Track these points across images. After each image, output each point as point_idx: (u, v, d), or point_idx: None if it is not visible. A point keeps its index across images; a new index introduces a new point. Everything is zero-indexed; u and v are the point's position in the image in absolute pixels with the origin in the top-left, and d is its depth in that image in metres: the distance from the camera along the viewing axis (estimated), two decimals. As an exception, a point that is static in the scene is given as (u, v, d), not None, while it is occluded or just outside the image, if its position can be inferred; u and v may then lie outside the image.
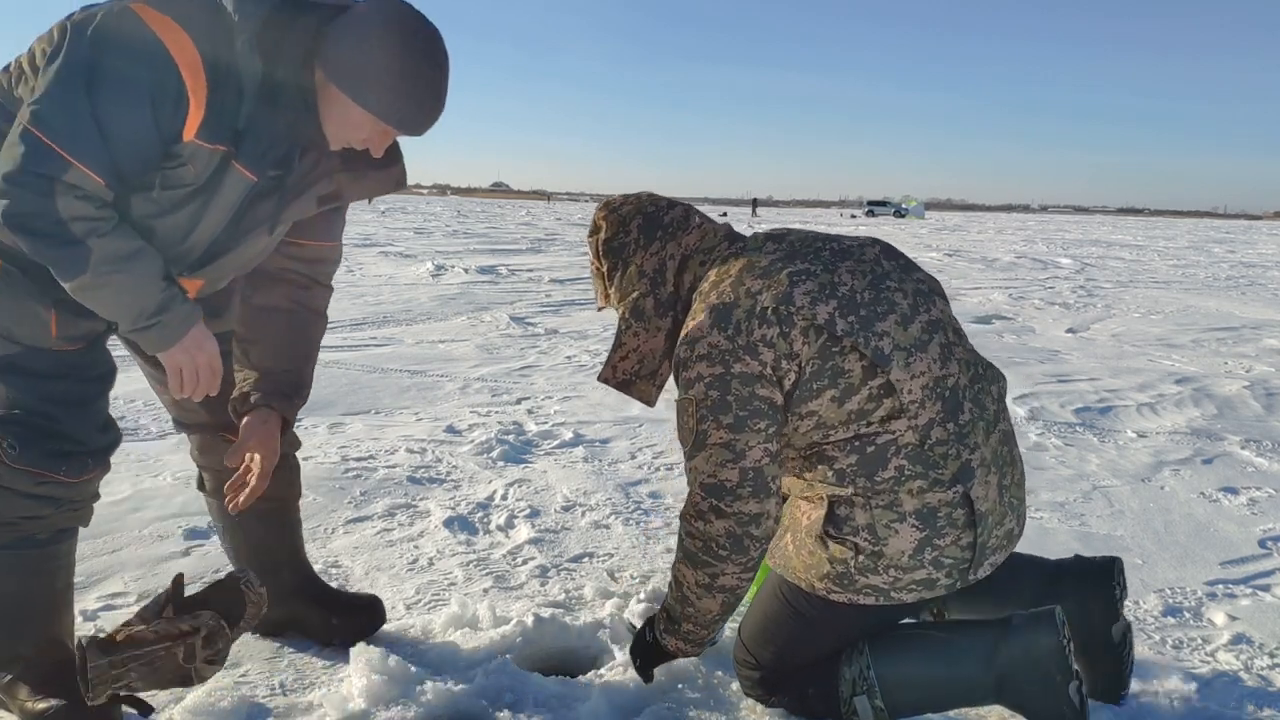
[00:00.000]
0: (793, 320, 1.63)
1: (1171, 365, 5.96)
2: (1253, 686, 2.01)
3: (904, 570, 1.64)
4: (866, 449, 1.63)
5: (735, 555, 1.66)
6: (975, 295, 10.03)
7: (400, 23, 1.55)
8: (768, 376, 1.62)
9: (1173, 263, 17.32)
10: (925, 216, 63.90)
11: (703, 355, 1.64)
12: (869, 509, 1.63)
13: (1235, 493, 3.36)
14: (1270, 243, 29.32)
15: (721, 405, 1.62)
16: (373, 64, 1.53)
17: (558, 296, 8.91)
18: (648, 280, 1.82)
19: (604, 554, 2.66)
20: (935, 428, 1.64)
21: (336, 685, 1.89)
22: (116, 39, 1.48)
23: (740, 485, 1.63)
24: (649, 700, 1.85)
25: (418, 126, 1.62)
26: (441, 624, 2.15)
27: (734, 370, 1.61)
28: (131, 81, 1.47)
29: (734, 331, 1.63)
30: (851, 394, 1.63)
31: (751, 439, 1.62)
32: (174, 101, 1.49)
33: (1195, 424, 4.38)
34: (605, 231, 1.88)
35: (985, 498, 1.66)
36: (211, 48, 1.50)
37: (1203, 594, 2.48)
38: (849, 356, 1.63)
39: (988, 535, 1.67)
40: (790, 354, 1.62)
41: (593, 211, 1.80)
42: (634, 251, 1.84)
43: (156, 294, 1.57)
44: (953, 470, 1.63)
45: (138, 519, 2.73)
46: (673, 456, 3.64)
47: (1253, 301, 10.41)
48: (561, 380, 5.02)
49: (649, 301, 1.81)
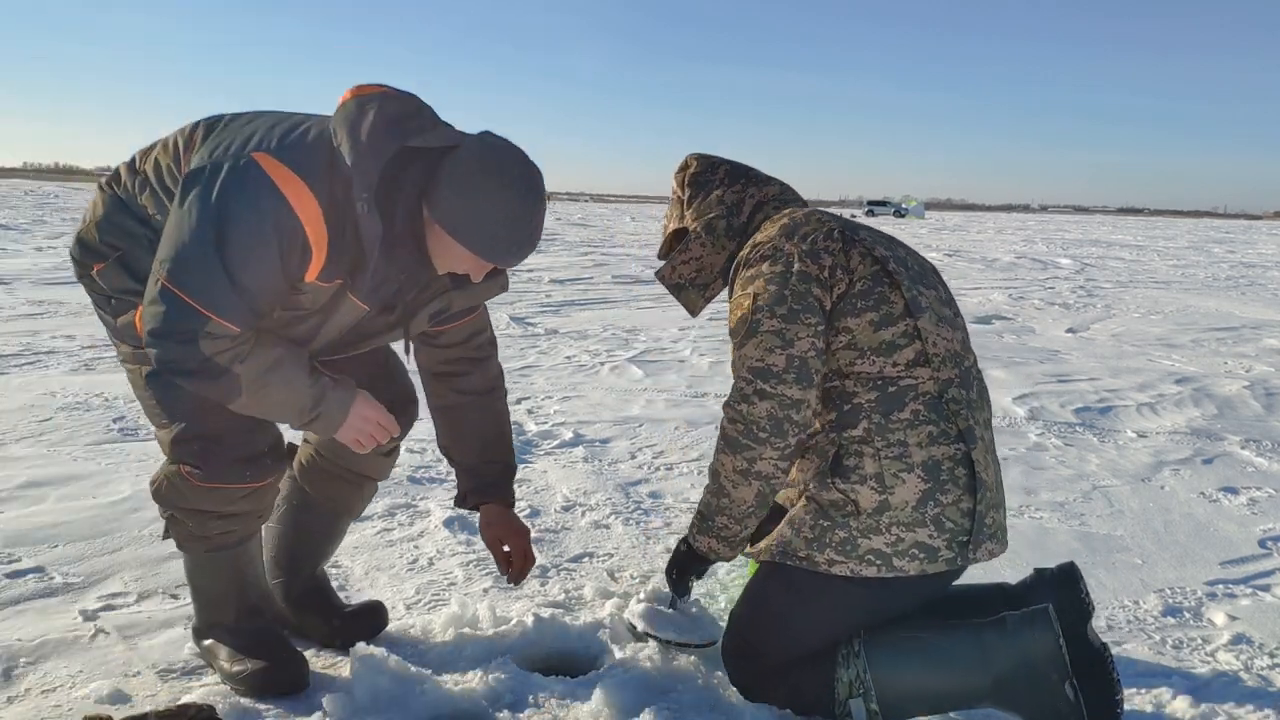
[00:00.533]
0: (855, 242, 1.81)
1: (1171, 365, 5.96)
2: (1253, 686, 2.01)
3: (905, 527, 1.68)
4: (888, 388, 1.71)
5: (774, 439, 1.71)
6: (975, 295, 10.03)
7: (501, 168, 1.62)
8: (823, 280, 1.76)
9: (1173, 263, 17.32)
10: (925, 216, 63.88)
11: (767, 255, 1.79)
12: (878, 457, 1.69)
13: (1235, 493, 3.36)
14: (1270, 243, 29.33)
15: (778, 298, 1.74)
16: (477, 210, 1.61)
17: (558, 297, 8.91)
18: (725, 206, 1.97)
19: (604, 554, 2.66)
20: (952, 387, 1.74)
21: (337, 685, 1.89)
22: (242, 194, 1.57)
23: (786, 370, 1.71)
24: (649, 700, 1.85)
25: (516, 261, 1.70)
26: (441, 624, 2.15)
27: (794, 268, 1.75)
28: (259, 235, 1.57)
29: (799, 239, 1.79)
30: (889, 324, 1.73)
31: (801, 330, 1.72)
32: (300, 252, 1.61)
33: (1195, 424, 4.38)
34: (695, 167, 2.03)
35: (985, 467, 1.73)
36: (331, 201, 1.60)
37: (1203, 594, 2.48)
38: (894, 291, 1.76)
39: (985, 509, 1.71)
40: (846, 267, 1.77)
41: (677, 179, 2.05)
42: (717, 186, 2.00)
43: (307, 392, 1.70)
44: (960, 428, 1.72)
45: (137, 519, 2.73)
46: (673, 456, 3.65)
47: (1253, 301, 10.41)
48: (561, 380, 5.02)
49: (722, 223, 1.95)
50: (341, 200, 1.60)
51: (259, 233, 1.56)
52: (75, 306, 7.09)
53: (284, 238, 1.58)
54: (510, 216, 1.62)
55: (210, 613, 1.90)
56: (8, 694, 1.84)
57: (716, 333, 6.91)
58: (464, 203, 1.60)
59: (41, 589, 2.29)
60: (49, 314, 6.72)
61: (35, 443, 3.52)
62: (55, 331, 5.98)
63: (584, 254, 15.09)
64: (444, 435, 2.08)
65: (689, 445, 3.81)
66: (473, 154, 1.62)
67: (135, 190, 1.77)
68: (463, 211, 1.61)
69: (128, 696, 1.84)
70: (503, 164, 1.62)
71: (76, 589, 2.30)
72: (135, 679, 1.91)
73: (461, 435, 2.05)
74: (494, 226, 1.61)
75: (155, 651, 2.01)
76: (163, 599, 2.27)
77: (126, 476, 3.11)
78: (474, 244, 1.62)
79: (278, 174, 1.57)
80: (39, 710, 1.79)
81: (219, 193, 1.57)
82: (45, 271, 9.45)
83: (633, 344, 6.25)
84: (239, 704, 1.80)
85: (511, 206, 1.61)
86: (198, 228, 1.56)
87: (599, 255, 14.92)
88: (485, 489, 2.05)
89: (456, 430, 2.05)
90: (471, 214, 1.60)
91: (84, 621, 2.13)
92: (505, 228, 1.62)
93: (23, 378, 4.62)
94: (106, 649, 2.02)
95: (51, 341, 5.62)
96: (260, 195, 1.56)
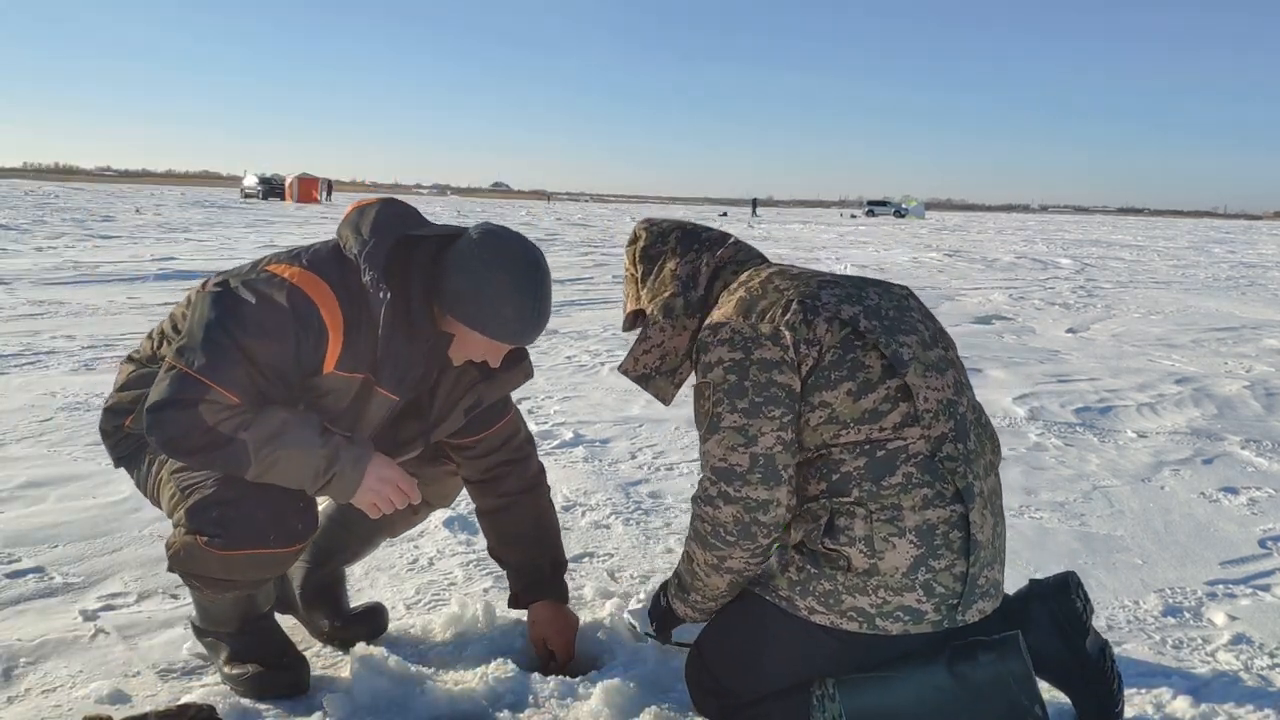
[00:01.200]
0: (818, 310, 1.66)
1: (1171, 365, 5.96)
2: (1253, 686, 2.01)
3: (894, 591, 1.60)
4: (876, 453, 1.62)
5: (743, 541, 1.65)
6: (975, 295, 10.03)
7: (500, 250, 1.68)
8: (788, 361, 1.63)
9: (1173, 263, 17.32)
10: (925, 216, 63.87)
11: (724, 340, 1.67)
12: (869, 520, 1.60)
13: (1235, 493, 3.36)
14: (1270, 243, 29.33)
15: (738, 390, 1.63)
16: (485, 297, 1.66)
17: (558, 297, 8.89)
18: (680, 282, 1.85)
19: (604, 554, 2.66)
20: (946, 443, 1.63)
21: (337, 686, 1.89)
22: (256, 286, 1.64)
23: (750, 470, 1.62)
24: (649, 700, 1.85)
25: (529, 338, 1.75)
26: (441, 624, 2.15)
27: (754, 356, 1.64)
28: (271, 312, 1.62)
29: (758, 319, 1.67)
30: (868, 391, 1.62)
31: (765, 425, 1.62)
32: (316, 335, 1.64)
33: (1195, 424, 4.38)
34: (644, 240, 1.93)
35: (982, 527, 1.64)
36: (345, 288, 1.66)
37: (1203, 594, 2.48)
38: (870, 353, 1.64)
39: (979, 569, 1.63)
40: (811, 339, 1.64)
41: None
42: (670, 258, 1.89)
43: (320, 453, 1.66)
44: (957, 487, 1.62)
45: (137, 519, 2.73)
46: (673, 456, 3.65)
47: (1253, 301, 10.41)
48: (561, 380, 5.02)
49: (679, 301, 1.84)
50: (355, 290, 1.66)
51: (271, 310, 1.62)
52: (75, 306, 7.10)
53: (298, 317, 1.62)
54: (517, 295, 1.67)
55: (212, 622, 1.89)
56: (8, 694, 1.84)
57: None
58: (470, 288, 1.66)
59: (41, 589, 2.29)
60: (49, 314, 6.72)
61: (35, 443, 3.52)
62: (55, 331, 5.98)
63: (584, 254, 15.10)
64: (491, 538, 2.11)
65: (689, 445, 3.81)
66: (472, 241, 1.70)
67: (155, 348, 1.84)
68: (470, 297, 1.67)
69: (128, 696, 1.84)
70: (501, 247, 1.69)
71: (76, 589, 2.30)
72: (135, 679, 1.91)
73: (508, 536, 2.08)
74: (502, 306, 1.67)
75: (155, 651, 2.02)
76: (163, 599, 2.27)
77: (126, 477, 3.10)
78: (485, 327, 1.68)
79: (290, 272, 1.66)
80: (39, 710, 1.79)
81: (234, 290, 1.65)
82: (45, 271, 9.46)
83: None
84: (239, 704, 1.80)
85: (517, 285, 1.67)
86: (209, 314, 1.63)
87: (599, 255, 14.92)
88: (536, 587, 2.06)
89: (503, 531, 2.08)
90: (479, 297, 1.66)
91: (84, 621, 2.13)
92: (513, 307, 1.68)
93: (23, 378, 4.62)
94: (106, 649, 2.02)
95: (51, 341, 5.62)
96: (273, 285, 1.64)
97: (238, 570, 1.70)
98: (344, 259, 1.70)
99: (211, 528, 1.65)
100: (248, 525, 1.66)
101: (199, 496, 1.67)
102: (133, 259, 11.29)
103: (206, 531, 1.66)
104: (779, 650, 1.69)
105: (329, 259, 1.71)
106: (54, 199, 32.84)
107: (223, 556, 1.66)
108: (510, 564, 2.09)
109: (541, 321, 1.74)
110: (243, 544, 1.66)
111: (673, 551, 2.68)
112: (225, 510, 1.65)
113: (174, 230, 18.00)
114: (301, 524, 1.71)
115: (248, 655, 1.85)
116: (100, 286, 8.45)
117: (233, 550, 1.66)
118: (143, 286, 8.62)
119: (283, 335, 1.62)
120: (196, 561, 1.69)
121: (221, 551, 1.66)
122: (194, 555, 1.69)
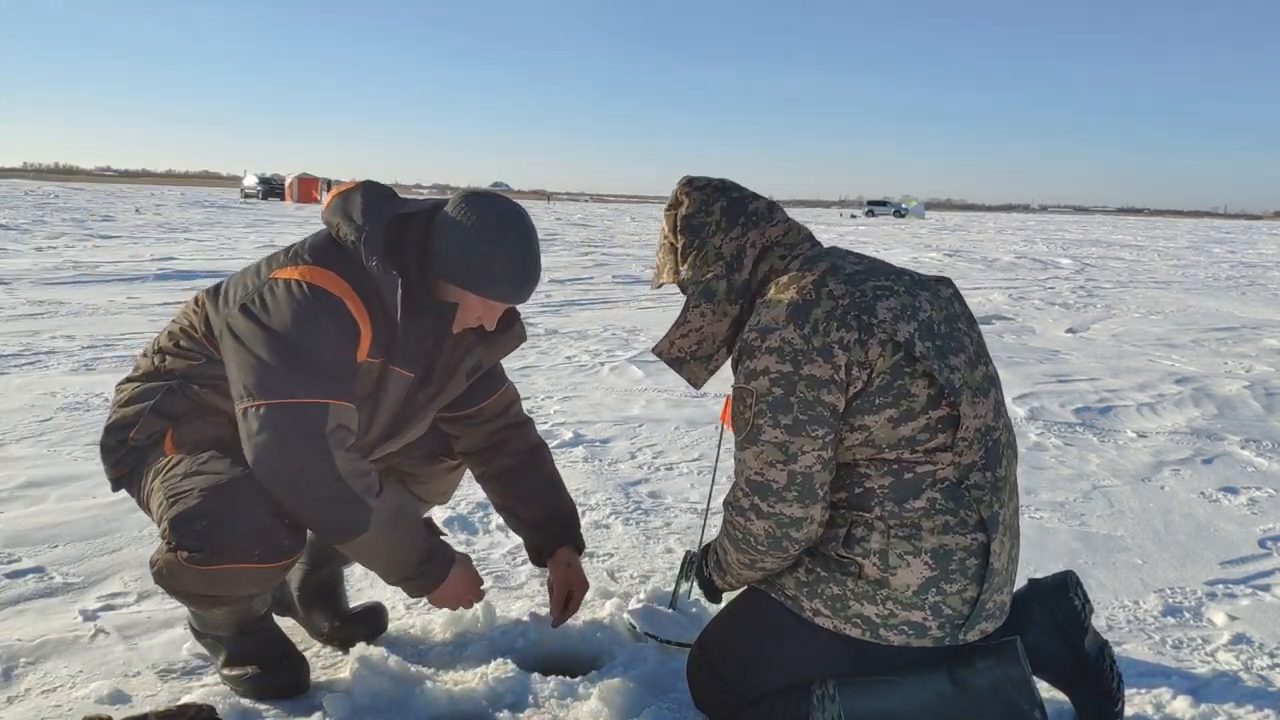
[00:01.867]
0: (873, 330, 1.58)
1: (1171, 365, 5.96)
2: (1253, 686, 2.01)
3: (901, 606, 1.59)
4: (904, 475, 1.59)
5: (774, 551, 1.64)
6: (975, 295, 10.03)
7: (485, 212, 1.71)
8: (837, 381, 1.57)
9: (1173, 263, 17.32)
10: (925, 216, 63.85)
11: (774, 349, 1.59)
12: (887, 535, 1.58)
13: (1235, 493, 3.36)
14: (1270, 243, 29.33)
15: (783, 404, 1.57)
16: (472, 254, 1.69)
17: (558, 297, 8.91)
18: (724, 264, 1.75)
19: (604, 554, 2.66)
20: (975, 471, 1.61)
21: (337, 686, 1.89)
22: (282, 302, 1.63)
23: (786, 488, 1.59)
24: (649, 700, 1.85)
25: (522, 295, 1.77)
26: (441, 624, 2.15)
27: (803, 371, 1.56)
28: (314, 321, 1.62)
29: (810, 331, 1.58)
30: (909, 419, 1.58)
31: (807, 444, 1.57)
32: (350, 327, 1.66)
33: (1195, 424, 4.38)
34: (687, 207, 1.80)
35: (999, 555, 1.62)
36: (353, 276, 1.67)
37: (1203, 594, 2.48)
38: (918, 381, 1.58)
39: (990, 595, 1.63)
40: (864, 363, 1.57)
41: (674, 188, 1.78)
42: (713, 232, 1.77)
43: (422, 545, 1.77)
44: (980, 516, 1.59)
45: (138, 519, 2.73)
46: (673, 456, 3.65)
47: (1253, 301, 10.41)
48: (561, 380, 5.02)
49: (722, 285, 1.75)
50: (360, 274, 1.68)
51: (313, 319, 1.62)
52: (75, 306, 7.10)
53: (332, 315, 1.64)
54: (505, 253, 1.70)
55: (208, 627, 1.87)
56: (8, 694, 1.84)
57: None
58: (459, 251, 1.70)
59: (41, 589, 2.29)
60: (49, 314, 6.72)
61: (35, 443, 3.52)
62: (55, 331, 5.98)
63: (584, 254, 15.09)
64: (505, 498, 2.12)
65: (689, 445, 3.81)
66: (457, 206, 1.72)
67: (156, 361, 1.82)
68: (460, 260, 1.70)
69: (128, 696, 1.84)
70: (485, 208, 1.71)
71: (76, 589, 2.30)
72: (135, 679, 1.91)
73: (521, 491, 2.11)
74: (492, 265, 1.69)
75: (155, 651, 2.02)
76: (163, 599, 2.27)
77: (126, 476, 3.11)
78: (478, 286, 1.71)
79: (302, 273, 1.66)
80: (39, 710, 1.79)
81: (261, 316, 1.64)
82: (45, 271, 9.46)
83: (633, 344, 6.25)
84: (239, 704, 1.80)
85: (505, 244, 1.70)
86: (259, 348, 1.61)
87: (599, 255, 14.92)
88: (559, 534, 2.10)
89: (516, 488, 2.11)
90: (468, 259, 1.69)
91: (84, 621, 2.13)
92: (503, 265, 1.70)
93: (23, 378, 4.62)
94: (106, 649, 2.02)
95: (51, 341, 5.62)
96: (297, 293, 1.64)
97: (221, 586, 1.66)
98: (341, 248, 1.71)
99: (193, 541, 1.58)
100: (231, 539, 1.59)
101: (183, 507, 1.60)
102: (133, 259, 11.29)
103: (187, 545, 1.59)
104: (781, 650, 1.69)
105: (329, 250, 1.71)
106: (54, 199, 32.83)
107: (204, 572, 1.61)
108: (527, 520, 2.11)
109: (532, 277, 1.76)
110: (225, 558, 1.60)
111: (673, 552, 2.68)
112: (209, 524, 1.58)
113: (174, 230, 18.00)
114: (289, 540, 1.64)
115: (247, 657, 1.85)
116: (100, 286, 8.45)
117: (214, 565, 1.60)
118: (143, 286, 8.62)
119: (330, 333, 1.63)
120: (178, 579, 1.64)
121: (202, 567, 1.60)
122: (175, 572, 1.63)
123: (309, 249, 1.72)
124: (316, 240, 1.74)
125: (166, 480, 1.69)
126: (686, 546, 2.70)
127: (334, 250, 1.71)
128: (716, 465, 2.65)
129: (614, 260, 13.88)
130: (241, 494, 1.60)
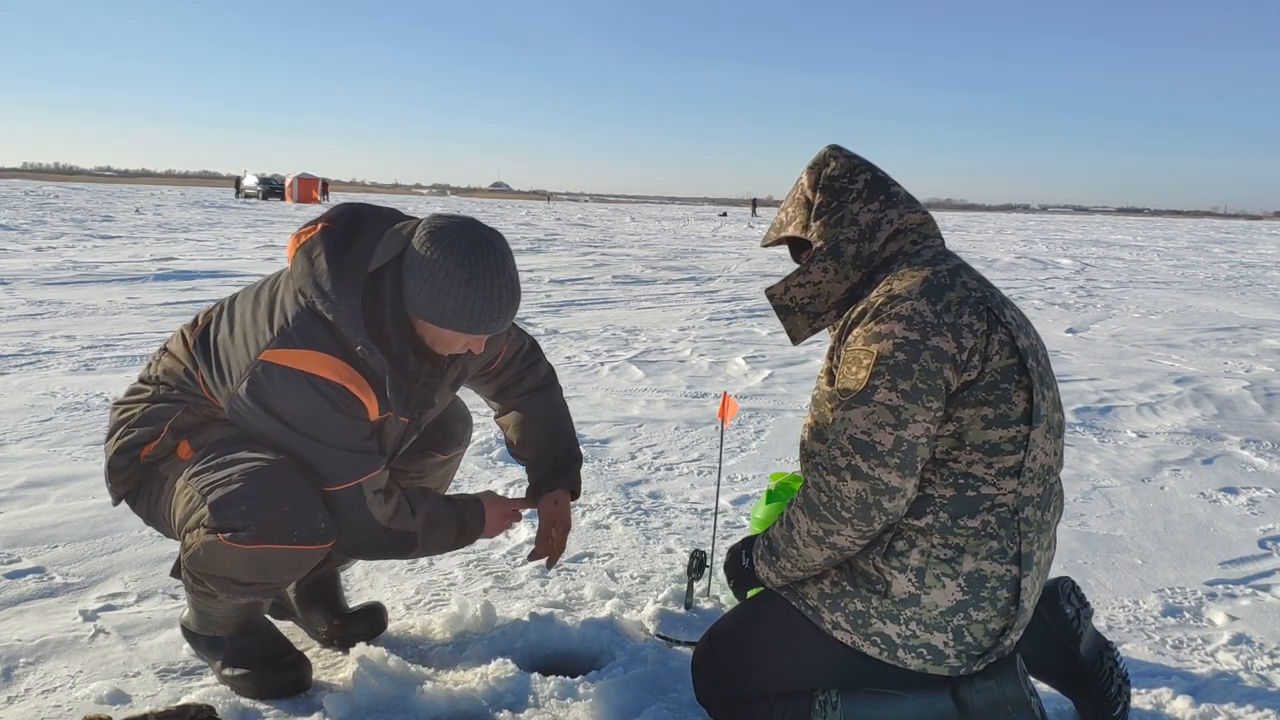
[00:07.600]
0: (999, 328, 1.60)
1: (1171, 365, 5.96)
2: (1253, 686, 2.01)
3: (924, 627, 1.58)
4: (966, 491, 1.58)
5: (857, 521, 1.58)
6: (975, 295, 10.03)
7: (450, 247, 1.68)
8: (959, 361, 1.56)
9: (1173, 263, 17.32)
10: (925, 216, 63.76)
11: (903, 316, 1.58)
12: (927, 555, 1.58)
13: (1235, 493, 3.36)
14: (1270, 243, 29.33)
15: (904, 370, 1.55)
16: (449, 297, 1.68)
17: (558, 297, 8.91)
18: (859, 228, 1.74)
19: (604, 554, 2.66)
20: (1030, 506, 1.61)
21: (337, 686, 1.89)
22: (292, 398, 1.69)
23: (891, 453, 1.55)
24: (649, 700, 1.85)
25: (503, 323, 1.75)
26: (441, 624, 2.15)
27: (930, 342, 1.56)
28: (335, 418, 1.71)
29: (943, 308, 1.59)
30: (1000, 426, 1.58)
31: (920, 413, 1.55)
32: (356, 406, 1.73)
33: (1195, 424, 4.38)
34: (834, 168, 1.80)
35: (1030, 595, 1.62)
36: (342, 351, 1.70)
37: (1203, 594, 2.48)
38: (1019, 393, 1.59)
39: (1013, 633, 1.63)
40: (985, 353, 1.58)
41: None
42: (854, 198, 1.76)
43: (455, 520, 1.92)
44: (1020, 550, 1.59)
45: (137, 519, 2.72)
46: (673, 456, 3.65)
47: (1253, 301, 10.42)
48: (561, 380, 5.02)
49: (852, 249, 1.74)
50: (352, 351, 1.71)
51: (328, 413, 1.70)
52: (75, 306, 7.10)
53: (343, 406, 1.71)
54: (477, 287, 1.68)
55: (209, 625, 1.87)
56: (8, 694, 1.84)
57: (716, 333, 6.92)
58: (432, 293, 1.68)
59: (41, 589, 2.29)
60: (49, 314, 6.72)
61: (35, 443, 3.52)
62: (55, 331, 5.98)
63: (584, 254, 15.09)
64: (513, 438, 2.17)
65: (689, 445, 3.81)
66: (423, 244, 1.69)
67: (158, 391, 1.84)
68: (433, 302, 1.69)
69: (128, 696, 1.84)
70: (451, 245, 1.68)
71: (76, 589, 2.30)
72: (135, 679, 1.91)
73: (526, 431, 2.14)
74: (466, 300, 1.68)
75: (155, 651, 2.01)
76: (163, 599, 2.27)
77: (126, 476, 3.11)
78: (456, 324, 1.70)
79: (291, 359, 1.68)
80: (39, 710, 1.79)
81: (277, 408, 1.69)
82: (45, 271, 9.46)
83: (633, 344, 6.25)
84: (239, 704, 1.80)
85: (475, 279, 1.68)
86: (285, 441, 1.71)
87: (599, 255, 14.92)
88: (556, 475, 2.14)
89: (522, 427, 2.15)
90: (442, 300, 1.68)
91: (84, 621, 2.13)
92: (478, 298, 1.68)
93: (23, 378, 4.62)
94: (106, 649, 2.02)
95: (51, 341, 5.62)
96: (307, 388, 1.68)
97: (259, 568, 1.70)
98: (324, 320, 1.69)
99: (238, 520, 1.66)
100: (275, 519, 1.67)
101: (224, 491, 1.68)
102: (132, 259, 11.29)
103: (232, 525, 1.66)
104: (793, 655, 1.69)
105: (317, 330, 1.69)
106: (54, 199, 32.84)
107: (245, 552, 1.67)
108: (529, 459, 2.15)
109: (507, 304, 1.73)
110: (267, 539, 1.67)
111: (673, 552, 2.68)
112: (252, 504, 1.66)
113: (174, 230, 18.00)
114: (325, 524, 1.72)
115: (246, 657, 1.85)
116: (100, 286, 8.45)
117: (256, 545, 1.67)
118: (143, 286, 8.62)
119: (345, 423, 1.72)
120: (217, 561, 1.69)
121: (245, 546, 1.66)
122: (215, 554, 1.68)
123: (297, 331, 1.68)
124: (299, 315, 1.69)
125: (199, 475, 1.72)
126: (687, 547, 2.71)
127: (320, 328, 1.69)
128: (720, 465, 2.65)
129: (614, 260, 13.89)
130: (281, 476, 1.69)
